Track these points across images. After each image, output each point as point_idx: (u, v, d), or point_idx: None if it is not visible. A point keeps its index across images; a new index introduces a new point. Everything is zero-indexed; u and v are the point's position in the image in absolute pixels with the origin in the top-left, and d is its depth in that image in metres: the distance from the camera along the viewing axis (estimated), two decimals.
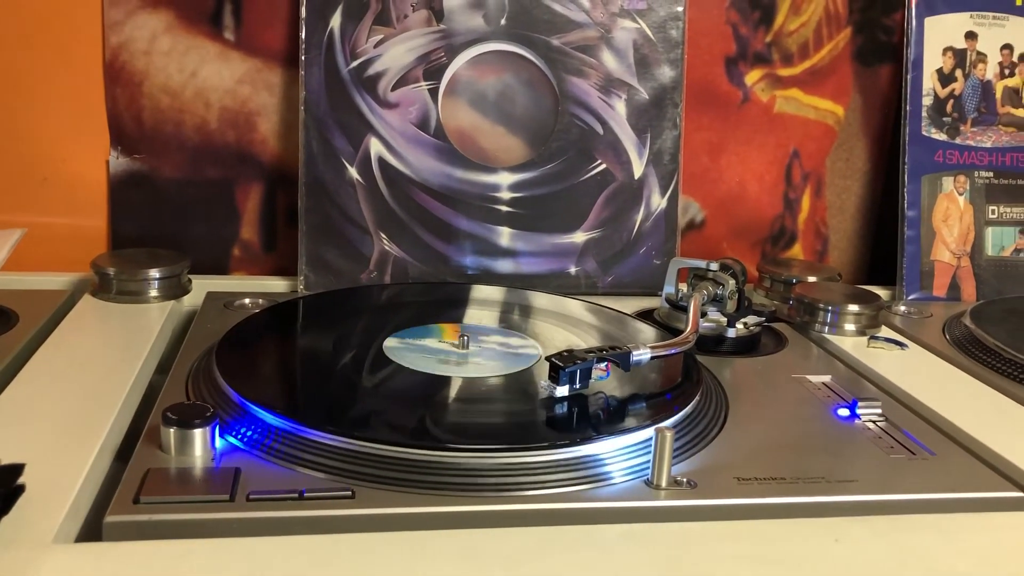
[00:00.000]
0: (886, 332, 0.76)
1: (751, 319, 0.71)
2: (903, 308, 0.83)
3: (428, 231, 0.83)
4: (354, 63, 0.81)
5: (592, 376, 0.56)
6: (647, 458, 0.49)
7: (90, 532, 0.43)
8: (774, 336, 0.74)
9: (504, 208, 0.84)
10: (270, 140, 0.86)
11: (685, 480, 0.48)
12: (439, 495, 0.45)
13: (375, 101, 0.82)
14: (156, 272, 0.74)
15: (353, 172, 0.81)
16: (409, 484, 0.46)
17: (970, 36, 0.92)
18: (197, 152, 0.85)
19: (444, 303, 0.75)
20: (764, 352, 0.70)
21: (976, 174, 0.91)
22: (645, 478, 0.48)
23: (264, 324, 0.68)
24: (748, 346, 0.71)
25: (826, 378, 0.65)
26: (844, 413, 0.59)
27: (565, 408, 0.55)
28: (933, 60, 0.91)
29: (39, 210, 0.84)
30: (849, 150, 0.97)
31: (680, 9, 0.86)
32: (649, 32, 0.85)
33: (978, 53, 0.92)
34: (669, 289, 0.75)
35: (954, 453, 0.55)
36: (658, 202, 0.86)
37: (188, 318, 0.74)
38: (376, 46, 0.81)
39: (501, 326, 0.70)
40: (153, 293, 0.74)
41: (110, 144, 0.84)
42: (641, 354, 0.57)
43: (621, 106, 0.85)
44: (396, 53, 0.82)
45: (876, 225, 0.99)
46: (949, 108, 0.91)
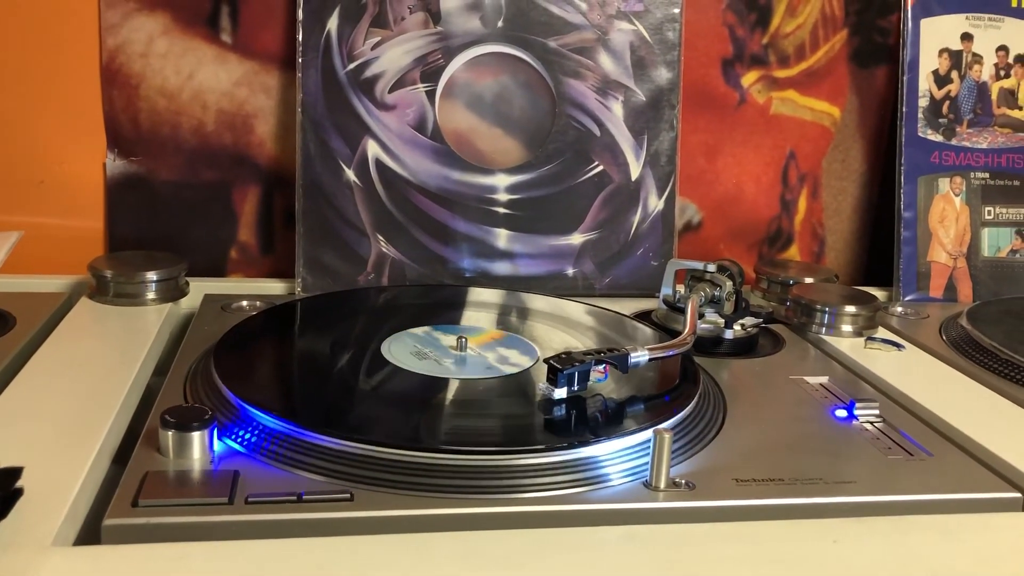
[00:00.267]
0: (883, 333, 0.76)
1: (749, 320, 0.71)
2: (900, 309, 0.83)
3: (425, 233, 0.83)
4: (351, 65, 0.81)
5: (590, 378, 0.56)
6: (645, 460, 0.49)
7: (89, 535, 0.43)
8: (771, 337, 0.74)
9: (501, 210, 0.84)
10: (267, 142, 0.86)
11: (684, 482, 0.48)
12: (438, 497, 0.45)
13: (372, 103, 0.82)
14: (153, 274, 0.74)
15: (350, 174, 0.81)
16: (408, 487, 0.46)
17: (966, 37, 0.92)
18: (194, 154, 0.85)
19: (442, 305, 0.75)
20: (762, 353, 0.71)
21: (972, 175, 0.91)
22: (644, 480, 0.48)
23: (262, 326, 0.68)
24: (746, 347, 0.71)
25: (823, 379, 0.66)
26: (842, 414, 0.59)
27: (563, 410, 0.55)
28: (929, 62, 0.91)
29: (36, 212, 0.84)
30: (845, 151, 0.97)
31: (677, 11, 0.86)
32: (646, 34, 0.85)
33: (974, 54, 0.92)
34: (667, 291, 0.75)
35: (951, 454, 0.55)
36: (655, 204, 0.86)
37: (185, 320, 0.74)
38: (373, 48, 0.81)
39: (499, 328, 0.70)
40: (150, 295, 0.74)
41: (107, 146, 0.84)
42: (639, 356, 0.57)
43: (618, 108, 0.85)
44: (393, 55, 0.82)
45: (872, 226, 0.99)
46: (945, 109, 0.91)
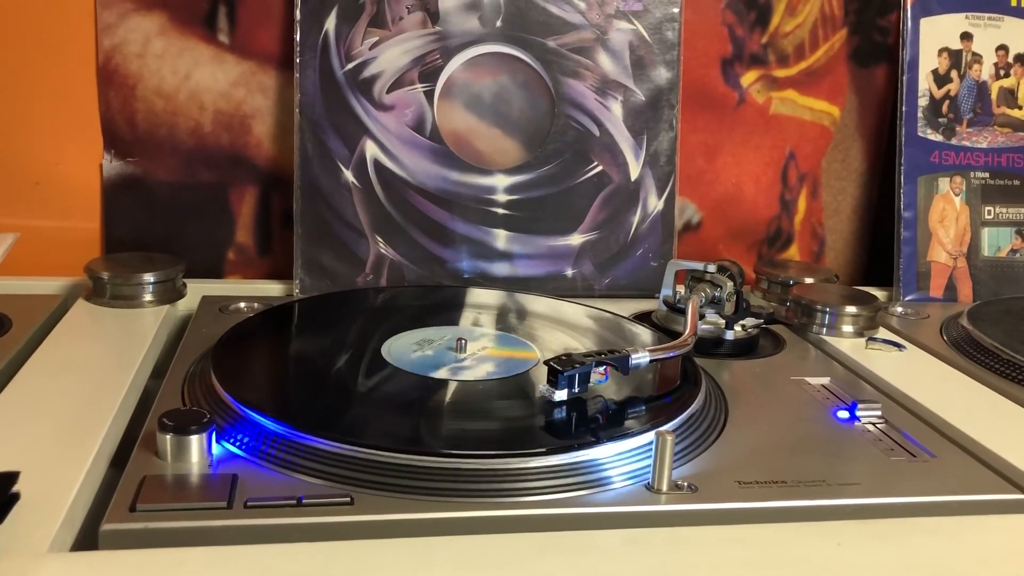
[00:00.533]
0: (884, 333, 0.76)
1: (749, 321, 0.71)
2: (900, 309, 0.83)
3: (424, 234, 0.82)
4: (349, 65, 0.81)
5: (591, 380, 0.55)
6: (647, 462, 0.49)
7: (86, 541, 0.43)
8: (772, 338, 0.74)
9: (500, 211, 0.84)
10: (265, 143, 0.86)
11: (686, 484, 0.48)
12: (439, 501, 0.45)
13: (370, 104, 0.81)
14: (150, 276, 0.74)
15: (348, 175, 0.81)
16: (408, 490, 0.45)
17: (965, 37, 0.92)
18: (191, 155, 0.84)
19: (440, 306, 0.75)
20: (762, 354, 0.70)
21: (972, 175, 0.91)
22: (646, 482, 0.48)
23: (260, 328, 0.68)
24: (746, 348, 0.70)
25: (825, 380, 0.65)
26: (844, 415, 0.59)
27: (564, 412, 0.54)
28: (929, 61, 0.91)
29: (32, 214, 0.84)
30: (845, 151, 0.97)
31: (676, 10, 0.86)
32: (645, 34, 0.85)
33: (973, 54, 0.92)
34: (667, 291, 0.75)
35: (954, 455, 0.54)
36: (655, 204, 0.86)
37: (183, 322, 0.74)
38: (371, 48, 0.81)
39: (498, 329, 0.69)
40: (147, 297, 0.74)
41: (103, 147, 0.83)
42: (640, 357, 0.57)
43: (617, 108, 0.85)
44: (391, 55, 0.81)
45: (872, 226, 0.99)
46: (945, 109, 0.91)
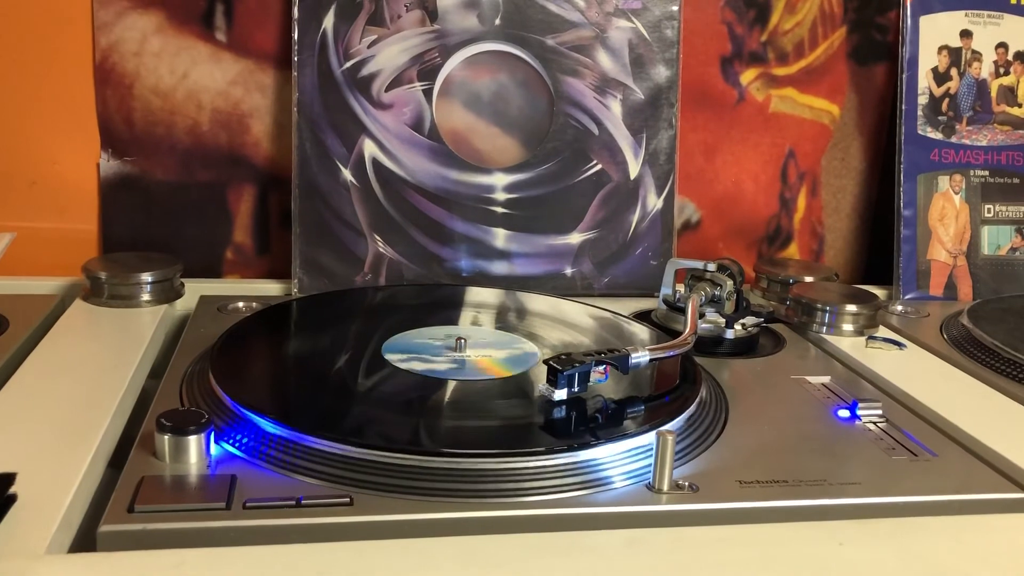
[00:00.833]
0: (884, 332, 0.76)
1: (749, 320, 0.71)
2: (900, 308, 0.83)
3: (423, 233, 0.82)
4: (347, 64, 0.80)
5: (591, 379, 0.55)
6: (647, 462, 0.49)
7: (84, 542, 0.43)
8: (772, 337, 0.74)
9: (499, 209, 0.83)
10: (263, 142, 0.85)
11: (687, 484, 0.48)
12: (438, 501, 0.45)
13: (369, 102, 0.81)
14: (148, 276, 0.73)
15: (347, 174, 0.81)
16: (408, 490, 0.45)
17: (965, 35, 0.91)
18: (189, 154, 0.84)
19: (439, 305, 0.75)
20: (763, 353, 0.70)
21: (972, 173, 0.91)
22: (646, 482, 0.48)
23: (258, 328, 0.68)
24: (746, 347, 0.70)
25: (825, 379, 0.65)
26: (844, 414, 0.58)
27: (563, 412, 0.54)
28: (928, 59, 0.91)
29: (28, 214, 0.83)
30: (845, 149, 0.97)
31: (675, 8, 0.85)
32: (644, 32, 0.85)
33: (973, 52, 0.92)
34: (666, 290, 0.75)
35: (955, 454, 0.54)
36: (654, 202, 0.86)
37: (181, 322, 0.74)
38: (370, 47, 0.81)
39: (497, 328, 0.69)
40: (145, 297, 0.73)
41: (100, 146, 0.83)
42: (640, 356, 0.57)
43: (616, 106, 0.85)
44: (390, 54, 0.81)
45: (872, 224, 0.99)
46: (944, 107, 0.91)
